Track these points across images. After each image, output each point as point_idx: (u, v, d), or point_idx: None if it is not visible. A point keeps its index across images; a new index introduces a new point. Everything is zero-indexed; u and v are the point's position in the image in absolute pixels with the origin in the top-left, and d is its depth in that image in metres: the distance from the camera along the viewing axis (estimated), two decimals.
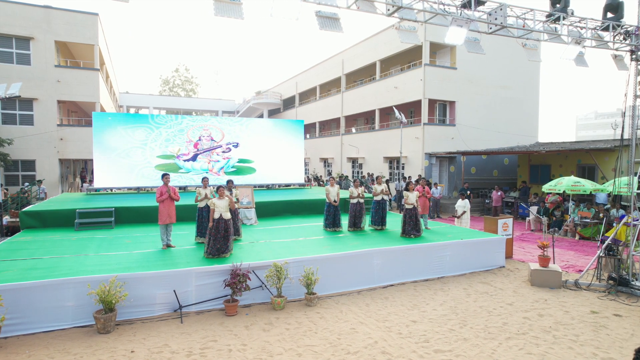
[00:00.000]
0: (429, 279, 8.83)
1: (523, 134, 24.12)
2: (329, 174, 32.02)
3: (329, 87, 34.36)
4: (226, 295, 7.00)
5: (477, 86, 22.54)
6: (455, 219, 13.05)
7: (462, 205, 12.83)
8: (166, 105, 49.64)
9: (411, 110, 25.12)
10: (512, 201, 18.99)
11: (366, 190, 21.96)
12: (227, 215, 7.99)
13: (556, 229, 14.54)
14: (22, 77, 20.70)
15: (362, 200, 10.77)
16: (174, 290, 6.73)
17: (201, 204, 9.13)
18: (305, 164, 37.55)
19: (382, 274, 8.39)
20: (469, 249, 9.41)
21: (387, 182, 20.73)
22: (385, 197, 11.00)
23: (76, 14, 21.70)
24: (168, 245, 8.67)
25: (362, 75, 29.69)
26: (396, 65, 26.05)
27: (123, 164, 15.57)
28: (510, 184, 22.66)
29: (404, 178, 20.80)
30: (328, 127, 35.95)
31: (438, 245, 9.08)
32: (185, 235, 9.67)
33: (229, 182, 9.48)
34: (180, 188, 16.75)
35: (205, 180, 9.25)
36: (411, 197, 10.25)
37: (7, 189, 18.64)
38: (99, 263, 7.30)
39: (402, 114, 17.15)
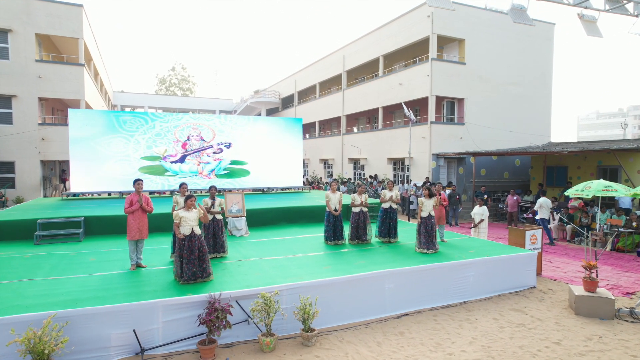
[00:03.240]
0: (450, 304, 7.38)
1: (535, 133, 22.69)
2: (330, 175, 30.58)
3: (330, 85, 32.93)
4: (201, 334, 5.55)
5: (487, 82, 21.11)
6: (472, 228, 11.62)
7: (480, 212, 11.40)
8: (162, 105, 48.15)
9: (417, 108, 23.67)
10: (528, 206, 17.53)
11: (375, 196, 20.52)
12: (198, 231, 6.56)
13: (582, 238, 13.09)
14: (0, 72, 19.30)
15: (365, 210, 9.36)
16: (134, 330, 5.29)
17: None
18: (305, 165, 36.15)
19: (395, 301, 6.94)
20: (495, 267, 7.97)
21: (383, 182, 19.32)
22: (394, 205, 9.56)
23: (59, 5, 20.27)
24: (138, 265, 7.23)
25: (364, 72, 28.26)
26: (400, 60, 24.62)
27: (103, 166, 14.14)
28: (522, 186, 21.22)
29: (428, 181, 19.36)
30: (328, 126, 34.51)
31: (461, 264, 7.64)
32: (160, 251, 8.22)
33: (212, 187, 8.05)
34: (169, 193, 15.34)
35: (183, 186, 7.82)
36: (427, 205, 8.76)
37: None
38: (44, 292, 5.85)
39: (410, 111, 15.73)
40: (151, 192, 14.56)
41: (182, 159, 15.37)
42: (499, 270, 8.00)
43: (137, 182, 7.16)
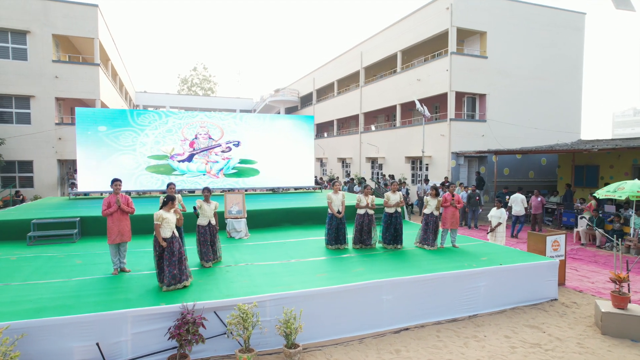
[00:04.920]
0: (457, 318, 6.66)
1: (563, 130, 21.35)
2: (347, 175, 29.92)
3: (348, 83, 32.25)
4: (173, 348, 5.07)
5: (511, 77, 19.97)
6: (489, 232, 10.78)
7: (497, 215, 10.57)
8: (183, 104, 48.60)
9: (436, 105, 22.76)
10: (554, 208, 16.41)
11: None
12: (177, 233, 6.20)
13: (614, 243, 11.99)
14: (19, 73, 19.61)
15: (371, 212, 8.67)
16: (97, 343, 4.85)
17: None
18: (323, 165, 35.61)
19: (394, 314, 6.29)
20: (510, 277, 7.18)
21: (402, 184, 18.49)
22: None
23: (75, 6, 20.41)
24: (122, 270, 6.84)
25: (382, 69, 27.44)
26: (419, 56, 23.70)
27: (110, 164, 13.99)
28: (548, 186, 20.01)
29: (447, 181, 18.50)
30: (347, 125, 33.82)
31: (470, 273, 6.89)
32: (147, 255, 7.79)
33: (205, 189, 7.53)
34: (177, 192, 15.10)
35: (171, 186, 7.39)
36: (431, 203, 8.74)
37: None
38: (12, 298, 5.51)
39: (425, 107, 14.91)
40: (162, 192, 14.33)
41: (189, 158, 15.08)
42: (515, 281, 7.21)
43: (115, 182, 6.77)
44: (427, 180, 19.98)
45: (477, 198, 15.11)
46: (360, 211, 8.66)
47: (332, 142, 33.16)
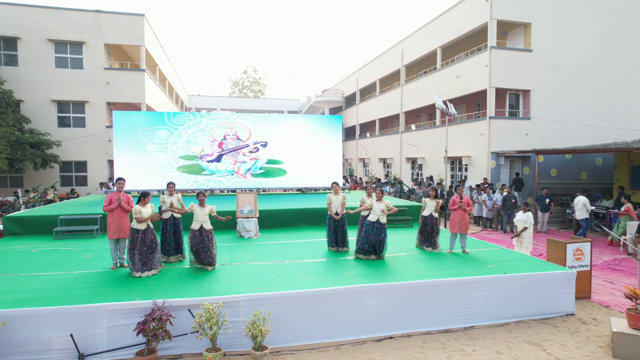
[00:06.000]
0: (450, 329, 6.24)
1: (622, 127, 19.34)
2: (387, 175, 29.34)
3: (390, 82, 31.58)
4: (138, 344, 5.21)
5: (559, 71, 18.45)
6: (514, 238, 10.02)
7: (523, 219, 9.77)
8: (233, 107, 50.32)
9: (478, 102, 21.62)
10: (604, 212, 14.93)
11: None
12: (152, 226, 6.85)
13: None
14: (76, 81, 21.31)
15: (383, 220, 7.71)
16: (71, 335, 5.10)
17: (166, 215, 7.51)
18: (366, 165, 35.19)
19: (378, 321, 6.02)
20: (515, 287, 6.60)
21: (435, 186, 17.72)
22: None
23: (123, 16, 21.84)
24: (121, 265, 7.17)
25: (423, 67, 26.59)
26: (460, 52, 22.64)
27: (143, 161, 14.78)
28: (603, 189, 18.28)
29: (485, 182, 17.69)
30: (390, 124, 33.13)
31: (467, 281, 6.43)
32: None
33: (200, 193, 7.40)
34: (205, 191, 15.63)
35: (170, 185, 7.62)
36: (429, 205, 8.42)
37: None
38: (12, 287, 5.96)
39: (451, 105, 14.12)
40: (190, 191, 14.89)
41: (218, 158, 15.53)
42: (521, 292, 6.62)
43: (119, 180, 7.11)
44: (463, 182, 19.07)
45: (513, 201, 14.12)
46: (366, 213, 8.38)
47: (374, 142, 32.68)
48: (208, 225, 7.09)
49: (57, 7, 21.30)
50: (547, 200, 14.29)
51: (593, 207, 14.13)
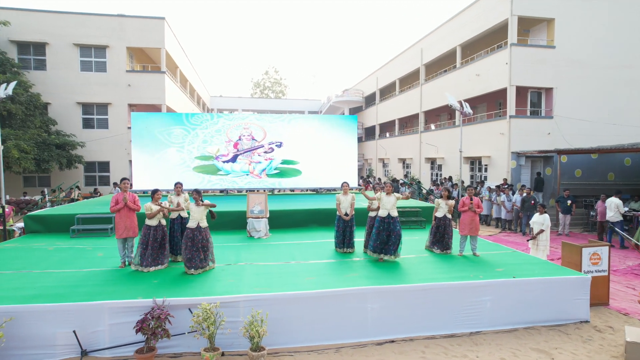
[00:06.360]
0: (455, 334, 6.08)
1: None
2: (406, 176, 28.97)
3: (410, 81, 31.19)
4: (139, 342, 5.29)
5: (584, 67, 17.78)
6: (530, 241, 9.69)
7: (540, 221, 9.43)
8: (255, 107, 50.81)
9: (499, 101, 21.08)
10: (632, 215, 14.26)
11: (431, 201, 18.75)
12: (164, 222, 7.20)
13: None
14: (100, 84, 21.96)
15: (394, 214, 7.47)
16: (74, 331, 5.23)
17: (173, 215, 7.62)
18: (385, 165, 34.87)
19: (379, 324, 5.92)
20: (524, 292, 6.37)
21: (450, 187, 17.36)
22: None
23: (145, 20, 22.36)
24: (129, 264, 7.31)
25: (442, 65, 26.13)
26: (480, 50, 22.13)
27: (161, 165, 15.08)
28: (632, 190, 17.47)
29: (505, 183, 17.29)
30: (411, 124, 32.72)
31: (473, 285, 6.24)
32: None
33: (195, 191, 7.10)
34: (220, 191, 15.82)
35: (177, 186, 7.72)
36: (442, 206, 8.25)
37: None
38: (23, 284, 6.17)
39: (466, 103, 13.77)
40: (204, 191, 15.09)
41: (233, 159, 15.68)
42: (531, 297, 6.38)
43: (123, 181, 7.26)
44: (482, 183, 18.63)
45: (533, 202, 13.68)
46: (372, 214, 8.30)
47: (394, 142, 32.34)
48: (204, 224, 7.01)
49: (82, 12, 22.02)
50: (569, 202, 13.78)
51: (626, 208, 13.56)
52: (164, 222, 7.12)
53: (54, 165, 19.54)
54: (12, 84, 10.25)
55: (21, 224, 10.62)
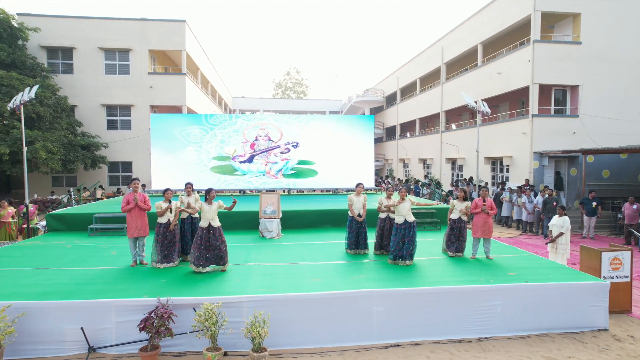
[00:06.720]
0: (463, 339, 5.92)
1: None
2: (426, 176, 28.56)
3: (431, 80, 30.72)
4: (144, 340, 5.37)
5: (612, 64, 17.08)
6: (549, 244, 9.36)
7: (559, 224, 9.13)
8: (276, 108, 51.18)
9: (522, 100, 20.48)
10: None
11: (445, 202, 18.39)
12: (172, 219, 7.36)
13: None
14: (123, 86, 22.56)
15: (410, 219, 7.40)
16: (82, 328, 5.35)
17: (183, 215, 7.72)
18: (406, 165, 34.48)
19: (384, 327, 5.82)
20: (538, 297, 6.14)
21: (465, 186, 16.97)
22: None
23: (166, 23, 22.84)
24: (141, 263, 7.46)
25: (463, 64, 25.61)
26: (501, 47, 21.57)
27: (178, 165, 15.34)
28: None
29: (527, 184, 16.85)
30: (432, 124, 32.23)
31: (482, 289, 6.06)
32: None
33: (208, 190, 7.38)
34: (239, 191, 15.96)
35: (188, 186, 7.82)
36: (458, 207, 8.04)
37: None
38: (37, 281, 6.37)
39: (484, 103, 13.42)
40: (220, 191, 15.27)
41: (250, 159, 15.80)
42: (545, 303, 6.15)
43: (133, 181, 7.41)
44: (504, 183, 18.15)
45: (555, 204, 13.21)
46: (382, 215, 8.20)
47: (414, 143, 31.93)
48: (216, 223, 6.99)
49: (107, 17, 22.67)
50: (594, 204, 13.25)
51: None
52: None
53: (78, 165, 20.19)
54: (35, 88, 10.63)
55: (44, 222, 11.01)
